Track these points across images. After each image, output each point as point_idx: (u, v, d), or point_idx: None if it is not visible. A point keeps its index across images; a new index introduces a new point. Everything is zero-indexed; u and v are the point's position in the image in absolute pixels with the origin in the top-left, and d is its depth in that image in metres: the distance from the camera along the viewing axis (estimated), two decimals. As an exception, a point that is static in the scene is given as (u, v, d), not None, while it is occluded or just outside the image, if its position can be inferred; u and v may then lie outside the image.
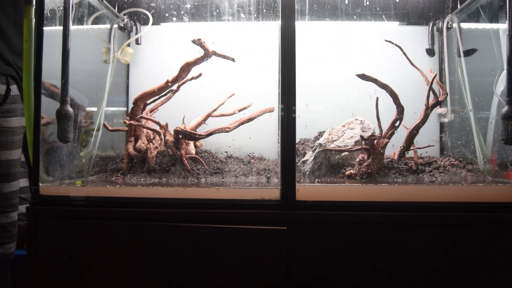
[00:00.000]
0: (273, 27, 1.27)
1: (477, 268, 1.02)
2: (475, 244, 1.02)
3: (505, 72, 1.12)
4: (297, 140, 1.09)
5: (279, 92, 1.09)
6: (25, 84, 1.22)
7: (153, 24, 1.55)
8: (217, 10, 1.51)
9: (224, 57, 1.32)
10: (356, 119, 1.38)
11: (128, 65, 1.69)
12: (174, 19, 1.61)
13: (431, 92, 1.24)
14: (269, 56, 1.45)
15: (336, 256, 1.04)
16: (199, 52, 1.34)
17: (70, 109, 1.16)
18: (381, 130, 1.24)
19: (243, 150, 1.55)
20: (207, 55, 1.31)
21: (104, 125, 1.40)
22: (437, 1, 1.57)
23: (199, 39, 1.27)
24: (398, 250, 1.03)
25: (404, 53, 1.24)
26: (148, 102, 1.43)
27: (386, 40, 1.28)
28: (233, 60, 1.31)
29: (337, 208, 1.06)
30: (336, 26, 1.61)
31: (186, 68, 1.34)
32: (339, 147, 1.30)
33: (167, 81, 1.37)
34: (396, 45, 1.25)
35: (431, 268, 1.03)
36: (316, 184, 1.18)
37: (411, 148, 1.31)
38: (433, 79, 1.23)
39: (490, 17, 1.38)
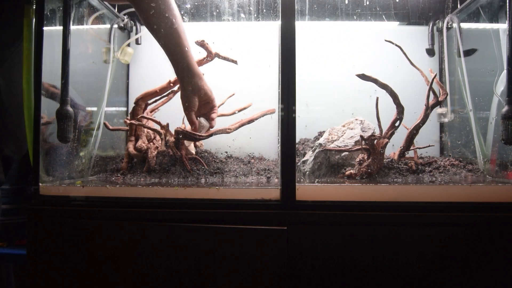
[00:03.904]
0: (273, 27, 1.27)
1: (477, 268, 1.02)
2: (475, 244, 1.02)
3: (505, 72, 1.12)
4: (297, 140, 1.09)
5: (279, 92, 1.09)
6: (25, 84, 1.22)
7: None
8: (217, 10, 1.51)
9: (226, 59, 1.32)
10: (356, 119, 1.38)
11: (128, 65, 1.70)
12: (174, 19, 1.60)
13: (431, 92, 1.24)
14: (269, 56, 1.45)
15: (336, 256, 1.04)
16: (199, 52, 1.34)
17: (70, 109, 1.16)
18: (381, 130, 1.24)
19: (243, 150, 1.55)
20: (210, 57, 1.31)
21: (104, 124, 1.40)
22: (437, 1, 1.57)
23: (203, 41, 1.27)
24: (398, 250, 1.03)
25: (404, 53, 1.24)
26: (149, 102, 1.43)
27: (386, 40, 1.28)
28: (235, 62, 1.31)
29: (337, 208, 1.06)
30: (336, 26, 1.61)
31: (187, 68, 1.34)
32: (339, 147, 1.30)
33: (169, 82, 1.37)
34: (396, 45, 1.25)
35: (431, 268, 1.03)
36: (316, 184, 1.18)
37: (411, 148, 1.31)
38: (433, 79, 1.23)
39: (490, 17, 1.38)
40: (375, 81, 1.20)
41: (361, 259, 1.03)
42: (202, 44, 1.27)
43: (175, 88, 1.40)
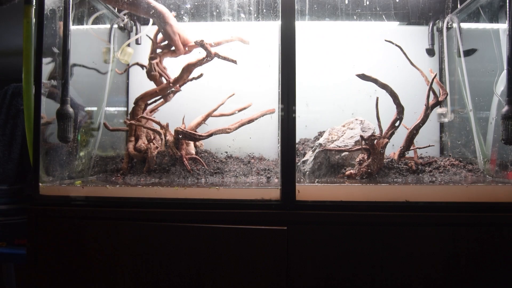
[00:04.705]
0: (273, 27, 1.26)
1: (477, 268, 1.02)
2: (475, 244, 1.02)
3: (505, 72, 1.12)
4: (297, 140, 1.09)
5: (279, 92, 1.09)
6: (25, 84, 1.22)
7: (153, 24, 1.55)
8: (217, 10, 1.51)
9: (226, 59, 1.32)
10: (356, 119, 1.38)
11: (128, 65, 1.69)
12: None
13: (431, 92, 1.24)
14: (269, 56, 1.45)
15: (336, 256, 1.04)
16: (199, 52, 1.34)
17: (70, 109, 1.16)
18: (381, 130, 1.24)
19: (243, 150, 1.55)
20: (209, 56, 1.31)
21: (104, 124, 1.40)
22: (437, 1, 1.57)
23: (202, 41, 1.27)
24: (398, 250, 1.03)
25: (404, 53, 1.24)
26: (149, 102, 1.43)
27: (386, 40, 1.28)
28: (235, 62, 1.31)
29: (337, 208, 1.06)
30: (336, 26, 1.61)
31: (188, 69, 1.34)
32: (339, 147, 1.30)
33: (169, 82, 1.37)
34: (396, 45, 1.25)
35: (431, 268, 1.03)
36: (316, 184, 1.18)
37: (411, 148, 1.31)
38: (433, 79, 1.23)
39: (490, 17, 1.38)
40: (375, 81, 1.20)
41: (361, 259, 1.03)
42: (201, 44, 1.27)
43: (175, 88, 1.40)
